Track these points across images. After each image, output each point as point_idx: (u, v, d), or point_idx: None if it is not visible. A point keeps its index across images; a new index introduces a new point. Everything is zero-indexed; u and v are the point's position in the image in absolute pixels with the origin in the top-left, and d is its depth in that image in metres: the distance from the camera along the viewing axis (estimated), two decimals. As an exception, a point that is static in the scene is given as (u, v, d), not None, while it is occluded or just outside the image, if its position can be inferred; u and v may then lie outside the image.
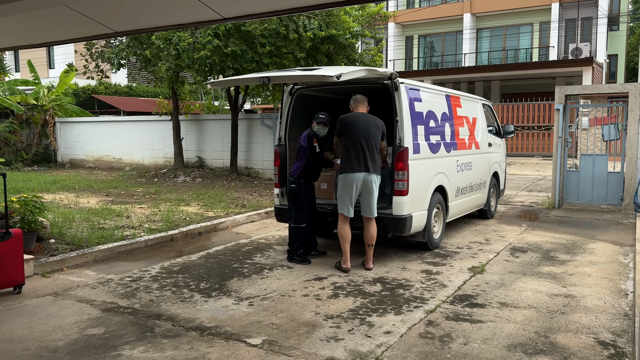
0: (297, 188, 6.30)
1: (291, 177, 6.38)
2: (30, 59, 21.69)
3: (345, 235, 5.99)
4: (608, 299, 5.01)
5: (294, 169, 6.37)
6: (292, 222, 6.40)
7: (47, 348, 3.93)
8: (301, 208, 6.36)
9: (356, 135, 5.87)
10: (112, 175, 15.90)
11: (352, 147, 5.87)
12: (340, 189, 5.96)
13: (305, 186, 6.32)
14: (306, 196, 6.35)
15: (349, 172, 5.87)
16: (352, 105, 6.17)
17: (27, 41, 5.37)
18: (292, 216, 6.40)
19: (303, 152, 6.31)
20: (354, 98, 6.16)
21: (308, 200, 6.38)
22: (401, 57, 31.52)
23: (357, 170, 5.85)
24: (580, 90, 11.29)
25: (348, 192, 5.90)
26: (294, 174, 6.34)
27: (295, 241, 6.39)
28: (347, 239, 5.99)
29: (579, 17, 27.10)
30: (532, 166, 18.86)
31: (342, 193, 5.94)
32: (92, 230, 7.52)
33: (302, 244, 6.43)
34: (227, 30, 11.82)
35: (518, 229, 8.35)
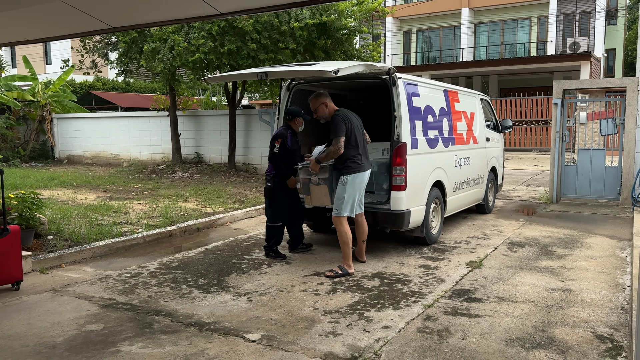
0: (272, 187, 6.29)
1: (267, 176, 6.37)
2: (27, 55, 21.60)
3: (350, 237, 5.74)
4: (605, 293, 5.03)
5: (269, 167, 6.34)
6: (268, 221, 6.39)
7: (46, 344, 3.94)
8: (277, 207, 6.35)
9: (358, 132, 5.81)
10: (110, 171, 15.88)
11: (358, 145, 5.73)
12: (350, 190, 5.65)
13: (280, 185, 6.27)
14: (283, 195, 6.30)
15: (362, 170, 5.72)
16: (327, 101, 5.78)
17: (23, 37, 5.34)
18: (268, 214, 6.39)
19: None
20: (324, 93, 5.81)
21: (285, 198, 6.33)
22: (399, 52, 31.46)
23: (368, 167, 5.83)
24: (578, 84, 11.29)
25: (359, 192, 5.76)
26: (269, 173, 6.33)
27: (271, 238, 6.38)
28: (351, 240, 5.77)
29: (577, 11, 27.06)
30: (530, 161, 18.88)
31: (352, 194, 5.68)
32: (90, 227, 7.51)
33: (278, 241, 6.43)
34: (222, 28, 11.77)
35: (516, 224, 8.37)
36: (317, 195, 5.89)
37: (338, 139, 5.60)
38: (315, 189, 5.89)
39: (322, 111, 5.77)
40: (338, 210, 5.69)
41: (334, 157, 5.64)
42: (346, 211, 5.69)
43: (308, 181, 5.88)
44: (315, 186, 5.87)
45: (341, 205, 5.67)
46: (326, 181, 5.80)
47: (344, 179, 5.65)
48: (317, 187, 5.87)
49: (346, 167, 5.68)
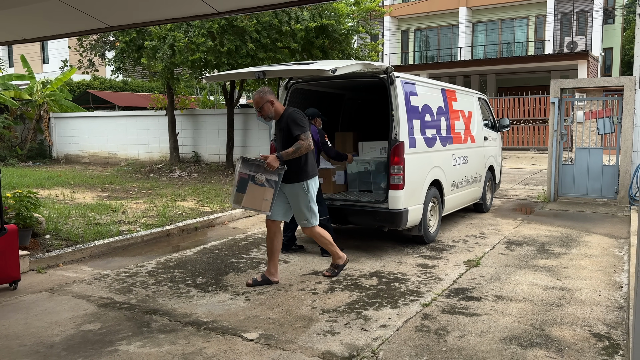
0: None
1: None
2: (24, 54, 21.54)
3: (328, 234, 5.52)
4: (603, 291, 5.04)
5: None
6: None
7: (44, 344, 3.93)
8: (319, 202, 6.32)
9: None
10: (108, 170, 15.85)
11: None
12: (312, 196, 5.25)
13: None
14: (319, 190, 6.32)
15: (317, 174, 5.38)
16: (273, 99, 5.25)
17: (20, 36, 5.32)
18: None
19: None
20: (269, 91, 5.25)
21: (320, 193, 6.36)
22: (397, 51, 31.47)
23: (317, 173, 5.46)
24: (576, 83, 11.31)
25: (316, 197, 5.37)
26: None
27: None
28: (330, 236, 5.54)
29: (574, 10, 27.10)
30: (527, 160, 18.90)
31: (313, 199, 5.28)
32: (88, 226, 7.50)
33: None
34: (221, 27, 11.76)
35: (514, 223, 8.38)
36: (255, 196, 5.01)
37: (307, 134, 5.10)
38: (255, 189, 5.01)
39: (268, 110, 5.20)
40: (308, 221, 5.27)
41: (304, 152, 5.10)
42: (315, 219, 5.30)
43: (248, 177, 5.00)
44: (257, 186, 5.00)
45: (310, 215, 5.25)
46: (275, 185, 5.03)
47: (305, 187, 5.18)
48: (259, 188, 5.00)
49: (303, 171, 5.17)
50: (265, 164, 4.97)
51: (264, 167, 4.98)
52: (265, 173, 5.00)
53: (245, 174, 5.05)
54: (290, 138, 5.13)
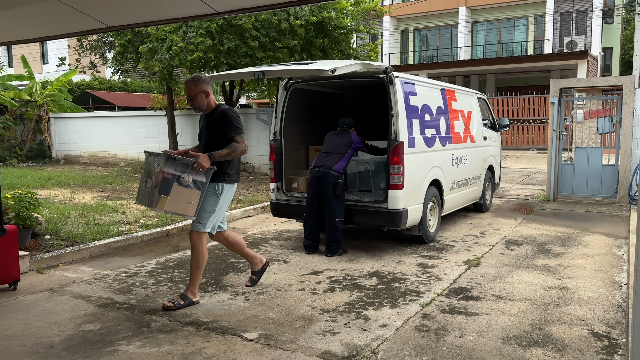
0: (344, 183, 6.42)
1: (335, 172, 6.36)
2: (24, 55, 21.54)
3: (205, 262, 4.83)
4: (602, 291, 5.05)
5: (339, 165, 6.40)
6: (338, 217, 6.35)
7: (43, 344, 3.93)
8: (343, 202, 6.45)
9: None
10: (108, 170, 15.85)
11: None
12: (223, 202, 4.77)
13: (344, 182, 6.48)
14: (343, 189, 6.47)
15: (237, 181, 4.89)
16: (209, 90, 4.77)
17: (19, 36, 5.33)
18: (337, 211, 6.35)
19: (351, 151, 6.57)
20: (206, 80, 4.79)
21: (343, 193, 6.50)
22: (396, 50, 31.48)
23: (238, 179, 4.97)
24: (575, 83, 11.32)
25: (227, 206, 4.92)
26: (339, 169, 6.38)
27: (338, 234, 6.39)
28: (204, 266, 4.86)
29: (573, 10, 27.11)
30: (527, 159, 18.91)
31: (223, 207, 4.81)
32: (88, 226, 7.50)
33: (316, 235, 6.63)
34: (220, 26, 11.76)
35: (513, 222, 8.39)
36: (180, 199, 4.49)
37: (242, 136, 4.68)
38: (180, 191, 4.48)
39: (201, 101, 4.72)
40: (202, 225, 4.70)
41: (237, 156, 4.68)
42: (210, 227, 4.76)
43: (173, 178, 4.45)
44: (183, 188, 4.49)
45: (208, 219, 4.70)
46: (202, 187, 4.56)
47: (219, 188, 4.69)
48: (184, 190, 4.49)
49: (225, 174, 4.71)
50: (194, 164, 4.44)
51: (193, 167, 4.45)
52: (193, 173, 4.48)
53: (170, 173, 4.47)
54: (222, 138, 4.66)
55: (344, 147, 6.57)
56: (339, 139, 6.65)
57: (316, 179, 6.44)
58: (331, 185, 6.34)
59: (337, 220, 6.35)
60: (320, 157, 6.63)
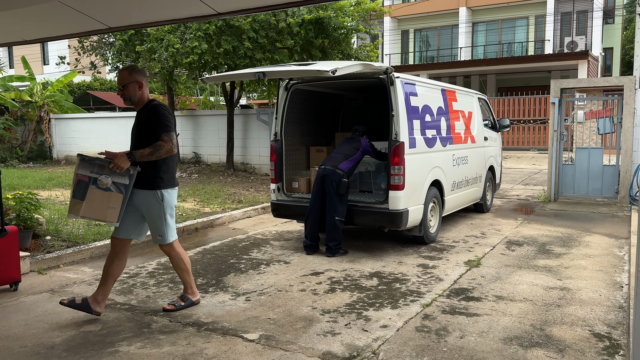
0: (348, 182, 6.42)
1: (340, 171, 6.39)
2: (25, 56, 21.56)
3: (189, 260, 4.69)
4: (603, 291, 5.04)
5: (345, 165, 6.43)
6: (339, 216, 6.37)
7: (44, 345, 3.93)
8: (346, 202, 6.47)
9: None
10: (108, 171, 15.84)
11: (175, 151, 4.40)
12: (169, 208, 4.41)
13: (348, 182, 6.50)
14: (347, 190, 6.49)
15: (176, 185, 4.52)
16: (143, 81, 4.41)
17: (20, 37, 5.33)
18: (338, 210, 6.37)
19: (359, 155, 6.61)
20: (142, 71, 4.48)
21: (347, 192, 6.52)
22: (397, 51, 31.48)
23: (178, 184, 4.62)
24: (576, 83, 11.32)
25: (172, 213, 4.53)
26: (344, 169, 6.41)
27: (339, 234, 6.39)
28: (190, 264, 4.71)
29: (574, 10, 27.10)
30: (528, 160, 18.90)
31: (171, 212, 4.46)
32: (88, 227, 7.50)
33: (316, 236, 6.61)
34: (219, 28, 11.76)
35: (514, 223, 8.38)
36: (98, 203, 4.11)
37: (171, 134, 4.27)
38: (97, 194, 4.09)
39: (133, 91, 4.36)
40: (163, 237, 4.43)
41: (163, 156, 4.26)
42: (173, 234, 4.48)
43: (89, 180, 4.09)
44: (101, 191, 4.09)
45: (166, 229, 4.41)
46: (124, 189, 4.16)
47: (158, 195, 4.32)
48: (103, 194, 4.10)
49: (159, 178, 4.32)
50: (111, 164, 4.07)
51: (110, 168, 4.08)
52: (111, 175, 4.10)
53: (84, 176, 4.09)
54: (149, 136, 4.27)
55: (352, 150, 6.63)
56: (349, 144, 6.73)
57: (321, 177, 6.46)
58: (335, 183, 6.35)
59: (337, 219, 6.36)
60: (327, 157, 6.70)
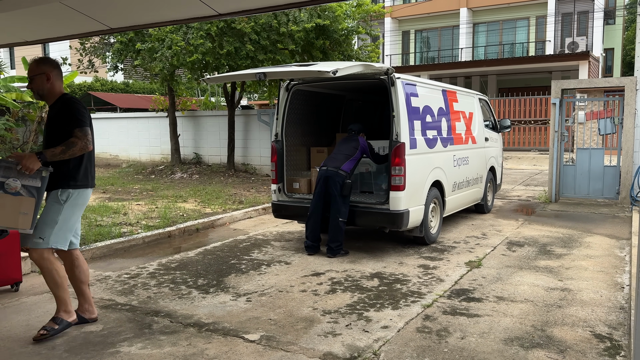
0: (351, 184, 6.44)
1: (343, 172, 6.39)
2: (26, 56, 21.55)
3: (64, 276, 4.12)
4: (604, 292, 5.04)
5: (347, 166, 6.44)
6: (342, 217, 6.38)
7: (45, 345, 3.93)
8: (349, 203, 6.47)
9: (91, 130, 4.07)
10: (109, 172, 15.87)
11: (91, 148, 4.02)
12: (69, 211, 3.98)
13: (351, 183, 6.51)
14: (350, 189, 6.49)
15: (90, 186, 4.12)
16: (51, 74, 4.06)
17: (21, 38, 5.34)
18: (342, 211, 6.38)
19: (359, 154, 6.59)
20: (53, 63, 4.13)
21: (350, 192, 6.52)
22: (398, 52, 31.48)
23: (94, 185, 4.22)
24: (577, 84, 11.32)
25: (79, 216, 4.15)
26: (347, 170, 6.42)
27: (341, 235, 6.40)
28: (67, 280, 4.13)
29: (575, 10, 27.09)
30: (528, 160, 18.89)
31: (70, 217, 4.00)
32: (90, 228, 7.51)
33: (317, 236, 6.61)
34: (220, 29, 11.77)
35: (515, 223, 8.38)
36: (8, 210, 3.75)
37: (85, 130, 3.90)
38: (7, 200, 3.74)
39: (40, 84, 4.05)
40: (44, 240, 3.88)
41: (77, 154, 3.89)
42: (58, 241, 3.96)
43: None
44: (9, 196, 3.74)
45: (51, 232, 3.90)
46: (37, 193, 3.82)
47: (62, 195, 3.94)
48: (12, 199, 3.75)
49: (69, 177, 3.95)
50: (19, 166, 3.73)
51: (18, 170, 3.74)
52: (21, 178, 3.75)
53: None
54: (62, 132, 3.93)
55: (352, 149, 6.63)
56: (348, 143, 6.72)
57: (324, 178, 6.45)
58: (339, 184, 6.36)
59: (340, 220, 6.37)
60: (328, 158, 6.68)
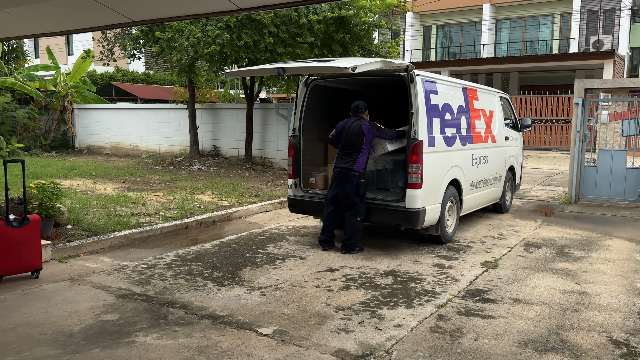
0: (366, 182, 6.39)
1: (357, 172, 6.32)
2: (49, 46, 21.90)
3: None
4: (622, 297, 4.97)
5: (360, 164, 6.35)
6: (359, 216, 6.35)
7: (63, 333, 4.02)
8: (365, 202, 6.42)
9: None
10: (129, 162, 16.06)
11: None
12: None
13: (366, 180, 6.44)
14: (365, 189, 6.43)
15: None
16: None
17: (46, 29, 5.43)
18: (359, 211, 6.35)
19: (366, 146, 6.39)
20: None
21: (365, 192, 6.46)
22: (419, 47, 31.22)
23: None
24: (601, 84, 11.11)
25: None
26: (360, 169, 6.33)
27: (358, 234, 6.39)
28: None
29: (601, 8, 26.55)
30: (549, 160, 18.63)
31: None
32: (109, 217, 7.62)
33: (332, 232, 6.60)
34: (239, 20, 11.78)
35: (533, 224, 8.28)
36: None
37: None
38: None
39: None
40: None
41: None
42: None
43: None
44: None
45: None
46: None
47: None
48: None
49: None
50: None
51: None
52: None
53: None
54: None
55: (359, 142, 6.42)
56: (354, 133, 6.39)
57: (339, 179, 6.42)
58: (354, 185, 6.32)
59: (358, 220, 6.36)
60: (339, 157, 6.53)
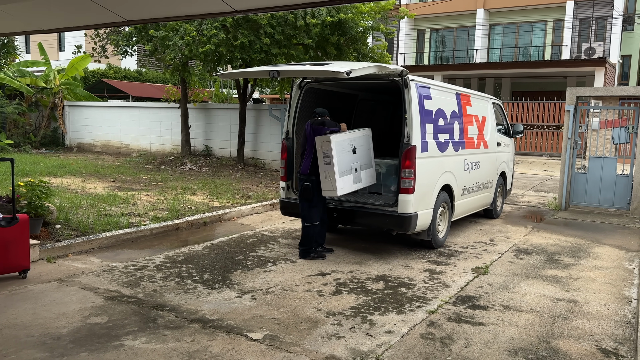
0: (311, 186, 6.18)
1: (302, 176, 6.22)
2: (41, 42, 21.69)
3: None
4: (611, 305, 4.99)
5: (304, 167, 6.22)
6: (307, 222, 6.23)
7: (51, 335, 3.96)
8: (315, 205, 6.26)
9: None
10: (120, 160, 15.95)
11: None
12: None
13: (316, 183, 6.17)
14: (317, 192, 6.20)
15: None
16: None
17: (38, 27, 5.36)
18: (306, 215, 6.24)
19: (310, 148, 6.20)
20: None
21: (320, 196, 6.25)
22: (412, 50, 31.30)
23: None
24: (592, 92, 11.19)
25: None
26: (305, 172, 6.19)
27: (311, 240, 6.26)
28: None
29: (593, 16, 26.77)
30: (539, 165, 18.75)
31: None
32: (98, 217, 7.55)
33: (317, 240, 6.35)
34: (235, 20, 11.74)
35: (523, 230, 8.32)
36: None
37: None
38: None
39: None
40: None
41: None
42: None
43: None
44: None
45: None
46: None
47: None
48: None
49: None
50: None
51: None
52: None
53: None
54: None
55: (304, 146, 6.28)
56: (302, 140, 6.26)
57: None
58: (300, 188, 6.23)
59: (306, 225, 6.22)
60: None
